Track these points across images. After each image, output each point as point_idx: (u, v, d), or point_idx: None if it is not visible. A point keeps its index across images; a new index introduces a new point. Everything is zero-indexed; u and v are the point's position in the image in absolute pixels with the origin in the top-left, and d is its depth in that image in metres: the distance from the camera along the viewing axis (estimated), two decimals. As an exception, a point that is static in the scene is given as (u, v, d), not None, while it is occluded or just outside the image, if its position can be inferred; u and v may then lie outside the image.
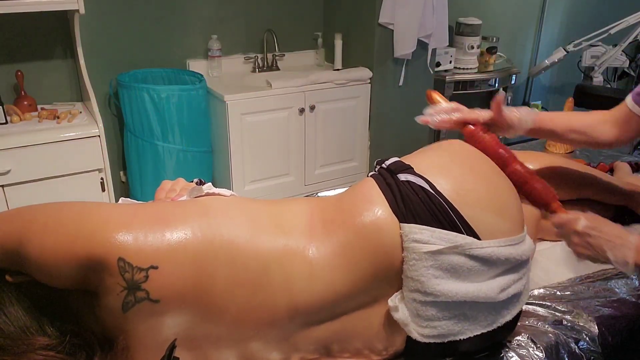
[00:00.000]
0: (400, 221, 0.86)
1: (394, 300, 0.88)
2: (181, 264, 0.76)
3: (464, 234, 0.87)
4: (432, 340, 0.88)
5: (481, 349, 0.99)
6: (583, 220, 1.00)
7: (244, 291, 0.81)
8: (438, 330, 0.88)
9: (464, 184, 0.91)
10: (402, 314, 0.87)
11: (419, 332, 0.88)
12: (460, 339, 0.90)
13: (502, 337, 1.00)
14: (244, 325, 0.83)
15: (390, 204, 0.88)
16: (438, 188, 0.89)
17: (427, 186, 0.89)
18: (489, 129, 1.13)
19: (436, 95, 1.20)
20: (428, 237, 0.85)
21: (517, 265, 0.93)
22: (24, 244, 0.72)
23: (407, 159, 0.99)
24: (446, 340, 0.89)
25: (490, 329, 0.92)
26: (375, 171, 1.02)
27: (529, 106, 4.00)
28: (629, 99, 1.18)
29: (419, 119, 1.16)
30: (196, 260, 0.77)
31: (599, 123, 1.20)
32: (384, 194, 0.90)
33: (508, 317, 0.94)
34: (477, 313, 0.90)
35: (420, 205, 0.87)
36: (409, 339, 0.91)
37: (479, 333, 0.91)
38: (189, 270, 0.77)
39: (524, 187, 1.05)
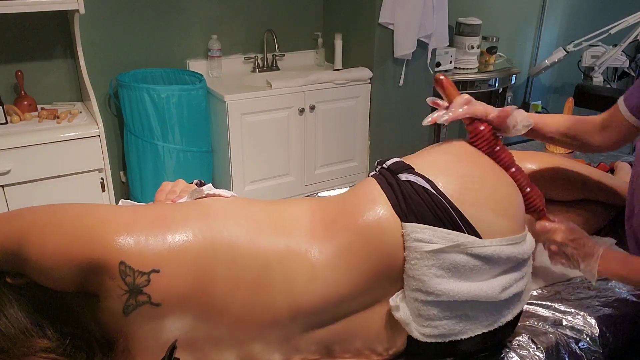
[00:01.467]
0: (402, 221, 0.87)
1: (395, 299, 0.88)
2: (182, 267, 0.76)
3: (465, 233, 0.87)
4: (433, 340, 0.88)
5: (482, 349, 0.99)
6: (563, 232, 1.07)
7: (244, 292, 0.81)
8: (439, 330, 0.88)
9: (465, 183, 0.91)
10: (403, 313, 0.87)
11: (420, 331, 0.88)
12: (461, 339, 0.90)
13: (503, 336, 1.00)
14: (245, 326, 0.83)
15: (392, 204, 0.88)
16: (439, 187, 0.89)
17: (428, 186, 0.90)
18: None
19: (448, 84, 1.12)
20: (430, 237, 0.85)
21: (519, 264, 0.93)
22: (24, 246, 0.71)
23: (408, 159, 0.99)
24: (447, 340, 0.89)
25: (491, 328, 0.92)
26: (376, 171, 1.02)
27: (529, 106, 4.02)
28: (621, 104, 1.17)
29: (428, 122, 1.12)
30: (197, 262, 0.77)
31: (590, 128, 1.21)
32: (385, 194, 0.90)
33: (509, 316, 0.94)
34: (478, 313, 0.90)
35: (421, 205, 0.87)
36: (410, 339, 0.91)
37: (480, 333, 0.91)
38: (190, 272, 0.76)
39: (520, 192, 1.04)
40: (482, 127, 1.05)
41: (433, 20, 2.76)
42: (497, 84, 3.31)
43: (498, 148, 1.04)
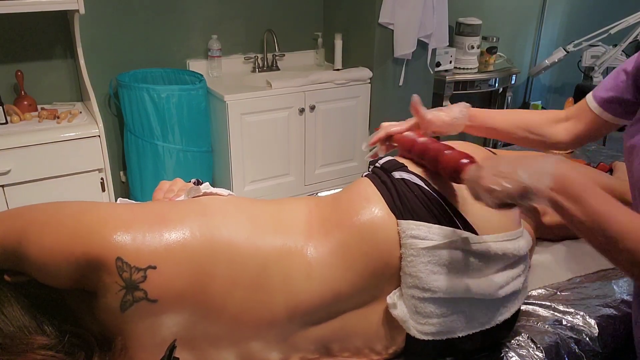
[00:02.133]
0: (398, 218, 0.87)
1: (392, 297, 0.89)
2: (179, 264, 0.76)
3: (461, 229, 0.87)
4: (430, 338, 0.89)
5: (481, 349, 0.99)
6: (483, 161, 0.85)
7: (242, 290, 0.81)
8: (437, 328, 0.88)
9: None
10: (400, 310, 0.88)
11: (417, 329, 0.88)
12: (459, 337, 0.90)
13: (501, 336, 1.00)
14: (243, 324, 0.83)
15: (387, 202, 0.89)
16: (433, 185, 0.90)
17: (422, 183, 0.90)
18: (423, 132, 1.07)
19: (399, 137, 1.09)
20: (425, 233, 0.85)
21: (516, 261, 0.93)
22: (22, 244, 0.72)
23: (400, 158, 1.00)
24: (445, 338, 0.89)
25: (488, 326, 0.92)
26: (369, 171, 1.02)
27: (529, 106, 4.01)
28: (589, 96, 1.08)
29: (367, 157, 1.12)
30: (194, 259, 0.77)
31: (550, 122, 1.10)
32: (380, 192, 0.90)
33: (507, 314, 0.94)
34: (475, 310, 0.90)
35: (416, 202, 0.88)
36: (408, 338, 0.91)
37: (477, 331, 0.91)
38: (187, 269, 0.77)
39: (440, 162, 0.93)
40: (405, 135, 1.05)
41: (433, 20, 2.76)
42: (497, 84, 3.31)
43: (416, 145, 0.99)
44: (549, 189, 0.73)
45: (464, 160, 0.86)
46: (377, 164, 1.00)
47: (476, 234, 0.88)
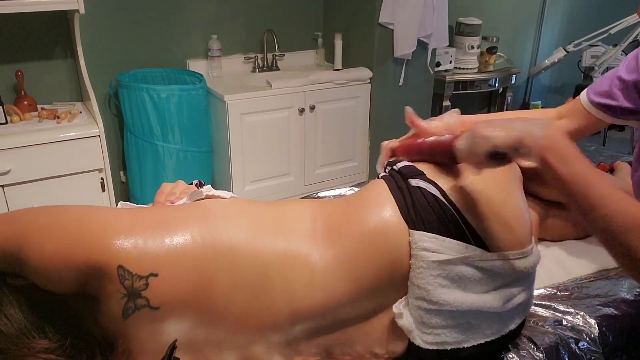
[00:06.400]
0: (410, 228, 0.85)
1: (398, 306, 0.87)
2: (181, 270, 0.76)
3: (473, 244, 0.86)
4: (435, 347, 0.88)
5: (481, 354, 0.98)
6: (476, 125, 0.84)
7: (244, 295, 0.80)
8: (442, 338, 0.87)
9: (476, 193, 0.89)
10: (406, 320, 0.86)
11: (422, 339, 0.87)
12: (463, 347, 0.89)
13: (505, 344, 0.99)
14: (246, 329, 0.83)
15: (400, 210, 0.87)
16: (449, 196, 0.88)
17: (438, 194, 0.88)
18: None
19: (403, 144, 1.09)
20: (437, 246, 0.84)
21: (524, 277, 0.92)
22: (23, 249, 0.71)
23: (419, 165, 0.97)
24: (449, 348, 0.89)
25: (494, 337, 0.91)
26: (385, 172, 1.00)
27: (529, 106, 4.02)
28: (583, 94, 1.11)
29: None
30: (196, 265, 0.77)
31: (543, 117, 1.14)
32: (394, 198, 0.89)
33: (512, 326, 0.93)
34: (482, 322, 0.89)
35: (431, 213, 0.86)
36: (410, 344, 0.90)
37: (483, 342, 0.90)
38: (189, 275, 0.76)
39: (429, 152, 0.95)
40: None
41: (433, 20, 2.76)
42: (497, 84, 3.31)
43: (414, 145, 1.00)
44: (540, 144, 0.76)
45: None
46: (394, 167, 0.98)
47: (488, 250, 0.86)
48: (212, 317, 0.79)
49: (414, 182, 0.91)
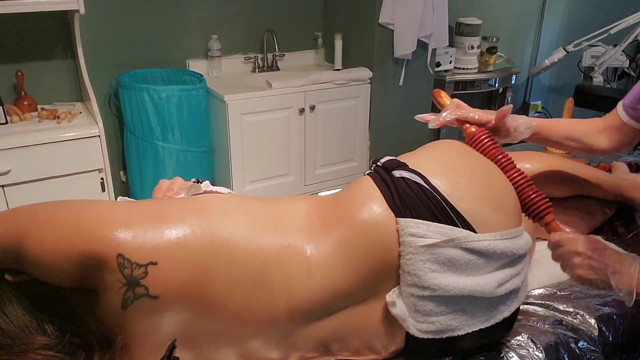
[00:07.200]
0: (397, 216, 0.87)
1: (391, 295, 0.89)
2: (180, 261, 0.76)
3: (460, 227, 0.87)
4: (430, 336, 0.89)
5: (481, 348, 0.99)
6: (583, 242, 0.93)
7: (242, 289, 0.81)
8: (436, 326, 0.88)
9: (459, 179, 0.92)
10: (399, 309, 0.88)
11: (416, 327, 0.88)
12: (458, 335, 0.90)
13: (500, 335, 1.00)
14: (244, 323, 0.83)
15: (386, 200, 0.89)
16: (433, 183, 0.90)
17: (422, 181, 0.90)
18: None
19: (437, 94, 1.18)
20: (424, 231, 0.85)
21: (515, 259, 0.93)
22: (23, 243, 0.72)
23: (403, 157, 1.00)
24: (444, 337, 0.90)
25: (488, 324, 0.92)
26: (371, 169, 1.02)
27: (529, 106, 4.01)
28: (619, 108, 1.19)
29: (419, 117, 1.15)
30: (195, 257, 0.78)
31: (594, 131, 1.21)
32: (380, 190, 0.91)
33: (506, 312, 0.94)
34: (474, 308, 0.90)
35: (415, 200, 0.88)
36: (408, 337, 0.91)
37: (477, 329, 0.91)
38: (187, 267, 0.77)
39: (519, 195, 1.00)
40: (473, 129, 1.06)
41: (433, 20, 2.76)
42: (497, 84, 3.31)
43: (494, 150, 1.03)
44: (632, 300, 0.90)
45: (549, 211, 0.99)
46: (378, 163, 1.00)
47: (475, 232, 0.88)
48: (211, 311, 0.80)
49: (397, 173, 0.93)
